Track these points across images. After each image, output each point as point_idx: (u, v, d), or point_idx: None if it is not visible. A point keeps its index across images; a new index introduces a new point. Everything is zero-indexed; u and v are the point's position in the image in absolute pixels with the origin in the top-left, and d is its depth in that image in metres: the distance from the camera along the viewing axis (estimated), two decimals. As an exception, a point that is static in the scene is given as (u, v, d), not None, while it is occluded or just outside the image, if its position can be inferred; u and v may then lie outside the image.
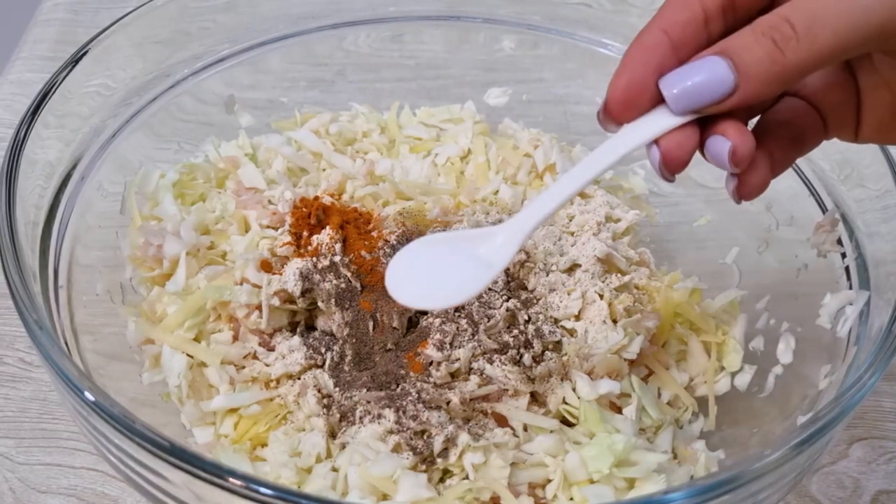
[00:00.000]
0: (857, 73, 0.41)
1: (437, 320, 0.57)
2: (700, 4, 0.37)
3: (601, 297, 0.59)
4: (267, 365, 0.56)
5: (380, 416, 0.52)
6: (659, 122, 0.37)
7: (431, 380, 0.54)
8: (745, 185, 0.39)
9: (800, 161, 0.62)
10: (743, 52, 0.35)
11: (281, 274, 0.57)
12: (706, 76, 0.35)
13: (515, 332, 0.57)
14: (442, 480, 0.51)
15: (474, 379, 0.55)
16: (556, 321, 0.59)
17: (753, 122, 0.42)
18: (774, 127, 0.40)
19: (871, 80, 0.40)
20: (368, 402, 0.53)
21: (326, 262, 0.58)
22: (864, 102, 0.41)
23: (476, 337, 0.56)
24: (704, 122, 0.38)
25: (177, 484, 0.40)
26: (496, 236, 0.42)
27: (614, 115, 0.38)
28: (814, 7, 0.34)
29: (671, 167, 0.38)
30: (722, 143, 0.37)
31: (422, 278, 0.42)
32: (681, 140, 0.37)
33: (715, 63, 0.36)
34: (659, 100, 0.38)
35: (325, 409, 0.53)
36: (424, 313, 0.58)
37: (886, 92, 0.40)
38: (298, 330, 0.58)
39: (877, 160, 0.54)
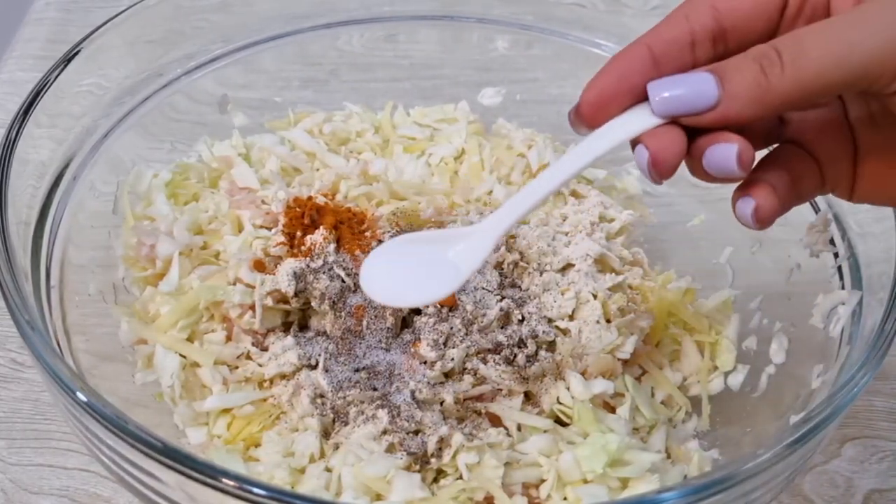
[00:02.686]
0: (855, 127, 0.42)
1: (431, 320, 0.57)
2: (688, 27, 0.39)
3: (595, 296, 0.59)
4: (260, 365, 0.56)
5: (374, 416, 0.52)
6: (640, 121, 0.39)
7: (425, 379, 0.54)
8: (760, 209, 0.40)
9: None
10: (732, 73, 0.37)
11: (274, 274, 0.57)
12: (693, 87, 0.37)
13: (509, 331, 0.57)
14: (436, 480, 0.51)
15: (468, 378, 0.55)
16: (550, 321, 0.59)
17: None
18: (775, 167, 0.42)
19: (870, 136, 0.42)
20: (362, 402, 0.53)
21: (320, 263, 0.58)
22: (860, 158, 0.42)
23: (470, 336, 0.56)
24: (694, 138, 0.39)
25: (170, 484, 0.40)
26: (468, 238, 0.43)
27: (585, 117, 0.40)
28: (802, 40, 0.36)
29: (660, 169, 0.39)
30: (728, 148, 0.38)
31: (395, 277, 0.44)
32: (668, 144, 0.38)
33: (704, 77, 0.38)
34: (628, 108, 0.39)
35: (318, 410, 0.53)
36: (418, 312, 0.58)
37: (885, 149, 0.41)
38: (292, 330, 0.58)
39: (869, 160, 0.54)
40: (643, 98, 0.39)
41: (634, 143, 0.40)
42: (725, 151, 0.38)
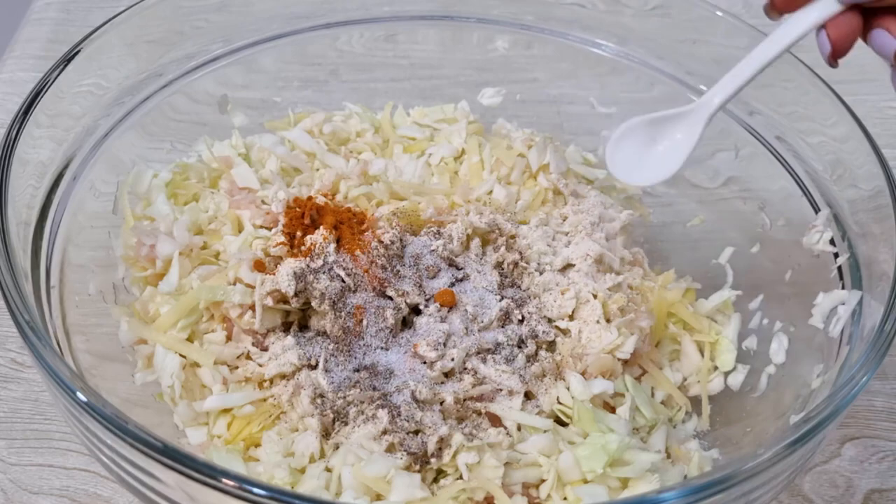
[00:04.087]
0: None
1: (431, 319, 0.57)
2: None
3: (595, 296, 0.59)
4: (260, 365, 0.56)
5: (374, 416, 0.52)
6: (826, 8, 0.46)
7: (425, 379, 0.54)
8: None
9: (793, 161, 0.62)
10: None
11: (274, 274, 0.57)
12: None
13: (509, 331, 0.57)
14: (436, 480, 0.51)
15: (468, 378, 0.55)
16: (550, 321, 0.59)
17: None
18: None
19: None
20: (362, 402, 0.53)
21: (320, 262, 0.58)
22: None
23: (470, 336, 0.56)
24: (867, 17, 0.45)
25: (169, 484, 0.40)
26: (687, 117, 0.52)
27: (779, 5, 0.47)
28: None
29: (837, 55, 0.46)
30: (889, 40, 0.44)
31: (636, 158, 0.53)
32: (847, 32, 0.45)
33: None
34: None
35: (318, 410, 0.53)
36: (418, 312, 0.58)
37: None
38: (292, 330, 0.58)
39: (869, 160, 0.55)
40: None
41: (818, 29, 0.46)
42: (886, 40, 0.44)
